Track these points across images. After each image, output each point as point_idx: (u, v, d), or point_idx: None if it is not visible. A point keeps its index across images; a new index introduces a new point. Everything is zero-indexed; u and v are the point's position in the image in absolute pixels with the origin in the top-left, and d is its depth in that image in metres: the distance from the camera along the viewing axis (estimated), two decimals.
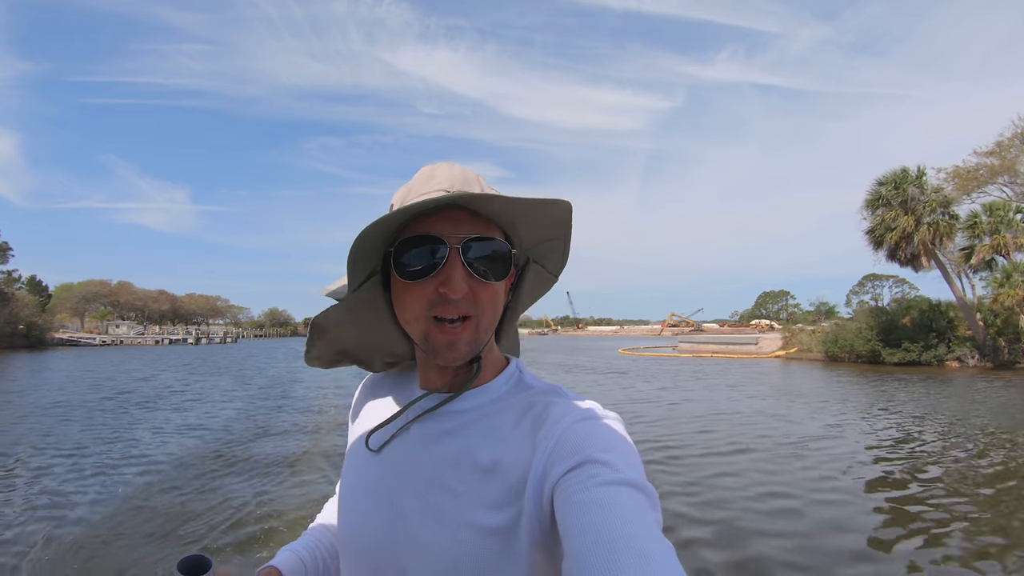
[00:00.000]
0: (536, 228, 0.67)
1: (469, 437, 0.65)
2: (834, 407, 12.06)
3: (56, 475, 6.56)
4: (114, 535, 4.67)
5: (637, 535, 0.47)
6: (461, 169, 0.68)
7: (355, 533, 0.68)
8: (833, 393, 14.93)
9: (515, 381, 0.71)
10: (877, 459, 7.43)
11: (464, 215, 0.63)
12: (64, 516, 5.13)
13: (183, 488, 6.02)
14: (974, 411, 11.34)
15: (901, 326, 24.81)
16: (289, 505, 5.41)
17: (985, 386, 16.09)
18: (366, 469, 0.71)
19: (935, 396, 14.06)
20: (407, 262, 0.62)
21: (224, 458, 7.38)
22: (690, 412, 11.36)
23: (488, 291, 0.64)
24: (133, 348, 56.44)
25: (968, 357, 22.91)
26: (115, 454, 7.67)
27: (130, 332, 78.06)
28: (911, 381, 17.66)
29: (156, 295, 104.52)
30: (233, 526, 4.86)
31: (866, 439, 8.72)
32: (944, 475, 6.63)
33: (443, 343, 0.63)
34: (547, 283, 0.78)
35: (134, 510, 5.31)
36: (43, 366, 26.54)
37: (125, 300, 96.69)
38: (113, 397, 14.27)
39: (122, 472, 6.72)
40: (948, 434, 9.03)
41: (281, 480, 6.32)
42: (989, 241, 20.44)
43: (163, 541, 4.52)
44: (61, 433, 9.16)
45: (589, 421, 0.60)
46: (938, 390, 15.31)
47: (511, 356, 0.76)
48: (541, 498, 0.58)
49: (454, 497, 0.62)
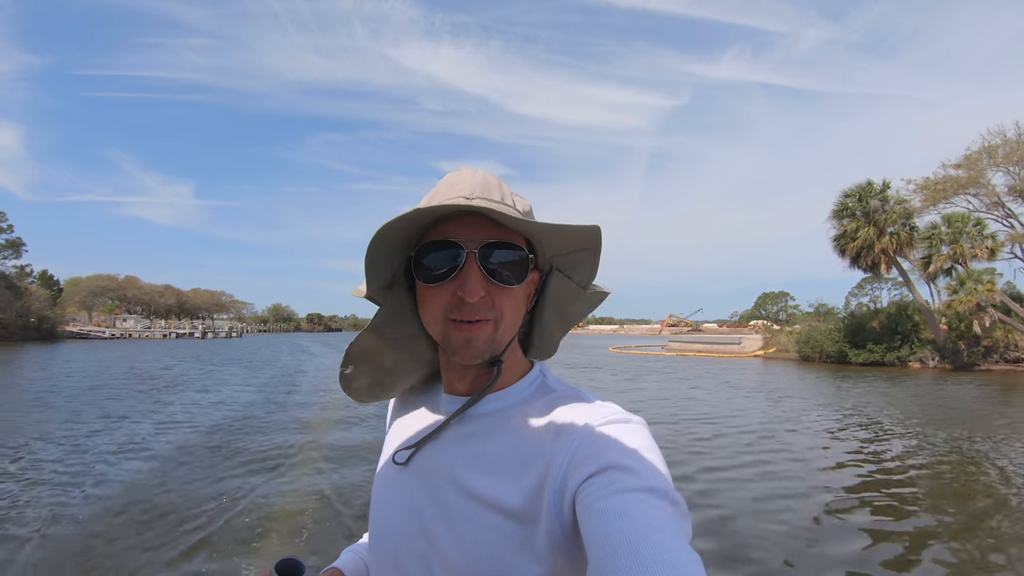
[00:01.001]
0: (559, 245, 0.69)
1: (491, 440, 0.66)
2: (761, 394, 13.78)
3: (121, 436, 8.36)
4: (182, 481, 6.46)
5: (661, 544, 0.47)
6: (483, 175, 0.68)
7: (385, 540, 0.70)
8: (770, 384, 16.63)
9: (538, 384, 0.72)
10: (769, 431, 9.16)
11: (484, 221, 0.64)
12: (150, 455, 6.91)
13: (238, 440, 7.81)
14: (903, 404, 13.06)
15: (868, 328, 26.48)
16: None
17: (932, 386, 17.77)
18: (392, 480, 0.73)
19: (876, 392, 15.75)
20: (427, 265, 0.64)
21: (253, 425, 9.17)
22: (631, 398, 13.18)
23: (506, 295, 0.65)
24: (141, 342, 57.94)
25: (929, 359, 24.52)
26: (158, 422, 9.48)
27: (137, 326, 79.95)
28: (864, 379, 19.34)
29: (162, 290, 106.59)
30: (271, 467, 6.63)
31: (763, 416, 10.48)
32: (843, 455, 8.36)
33: (460, 340, 0.64)
34: (587, 298, 0.78)
35: (188, 452, 7.10)
36: (67, 356, 28.40)
37: (132, 294, 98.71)
38: (144, 380, 16.14)
39: (170, 435, 8.52)
40: (868, 424, 10.76)
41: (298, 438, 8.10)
42: (947, 251, 22.07)
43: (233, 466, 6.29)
44: (112, 408, 10.99)
45: (611, 425, 0.60)
46: (883, 387, 16.99)
47: (535, 360, 0.77)
48: (562, 502, 0.57)
49: (476, 499, 0.62)
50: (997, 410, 11.97)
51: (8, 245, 56.99)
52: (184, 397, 12.78)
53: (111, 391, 13.50)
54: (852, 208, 23.66)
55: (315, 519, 4.80)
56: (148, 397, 12.62)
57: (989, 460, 7.29)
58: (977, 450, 7.86)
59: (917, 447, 8.11)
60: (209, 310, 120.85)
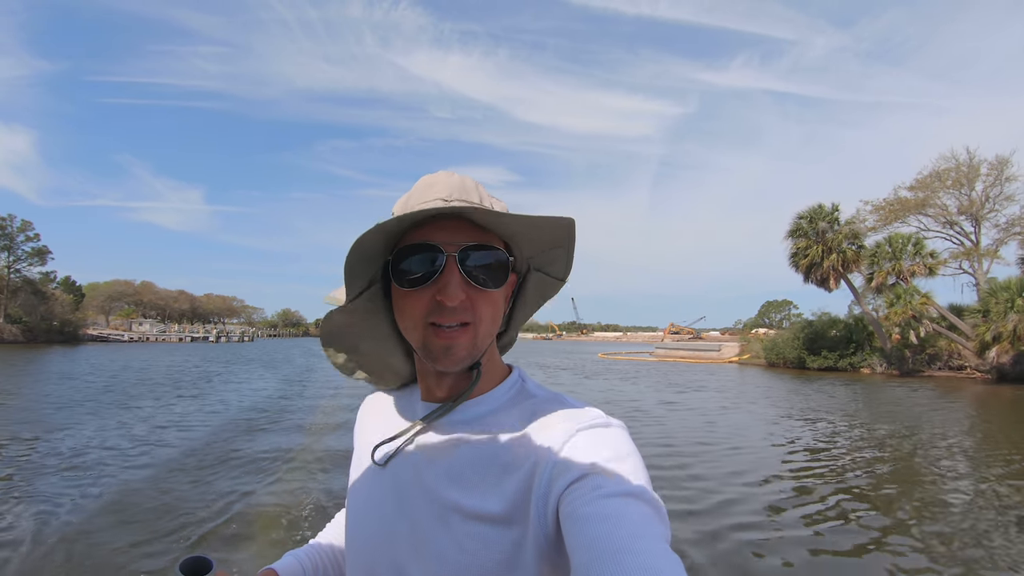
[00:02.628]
0: (536, 242, 0.68)
1: (472, 447, 0.65)
2: (701, 392, 16.53)
3: (183, 409, 11.34)
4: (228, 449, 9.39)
5: (644, 549, 0.47)
6: (460, 178, 0.68)
7: (362, 548, 0.69)
8: (716, 384, 19.34)
9: (517, 389, 0.71)
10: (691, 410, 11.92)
11: (462, 224, 0.64)
12: (205, 424, 9.85)
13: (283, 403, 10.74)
14: (840, 402, 15.50)
15: (828, 336, 29.08)
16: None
17: (869, 388, 20.42)
18: (372, 484, 0.72)
19: (819, 392, 18.44)
20: (405, 270, 0.63)
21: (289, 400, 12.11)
22: (587, 395, 15.85)
23: (486, 299, 0.64)
24: (159, 345, 60.74)
25: (877, 365, 27.11)
26: (203, 403, 12.47)
27: (153, 330, 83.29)
28: (814, 382, 22.02)
29: (176, 295, 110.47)
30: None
31: (702, 406, 13.22)
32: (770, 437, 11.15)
33: (440, 347, 0.63)
34: (553, 287, 0.76)
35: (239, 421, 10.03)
36: (101, 358, 31.58)
37: (148, 299, 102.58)
38: (183, 374, 19.18)
39: (219, 410, 11.49)
40: (801, 417, 13.50)
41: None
42: (888, 267, 24.70)
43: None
44: (167, 393, 14.04)
45: (593, 430, 0.60)
46: (829, 389, 19.66)
47: (513, 364, 0.76)
48: (546, 509, 0.57)
49: (458, 508, 0.62)
50: (923, 410, 13.31)
51: (35, 253, 60.69)
52: (227, 387, 15.81)
53: (155, 384, 16.65)
54: (804, 229, 26.42)
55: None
56: (193, 386, 15.65)
57: (905, 447, 8.65)
58: (896, 439, 9.30)
59: (832, 434, 9.88)
60: (221, 315, 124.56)
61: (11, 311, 55.50)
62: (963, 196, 29.26)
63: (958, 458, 7.97)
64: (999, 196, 28.89)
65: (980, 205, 29.14)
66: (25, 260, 59.80)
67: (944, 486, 6.47)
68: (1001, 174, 28.68)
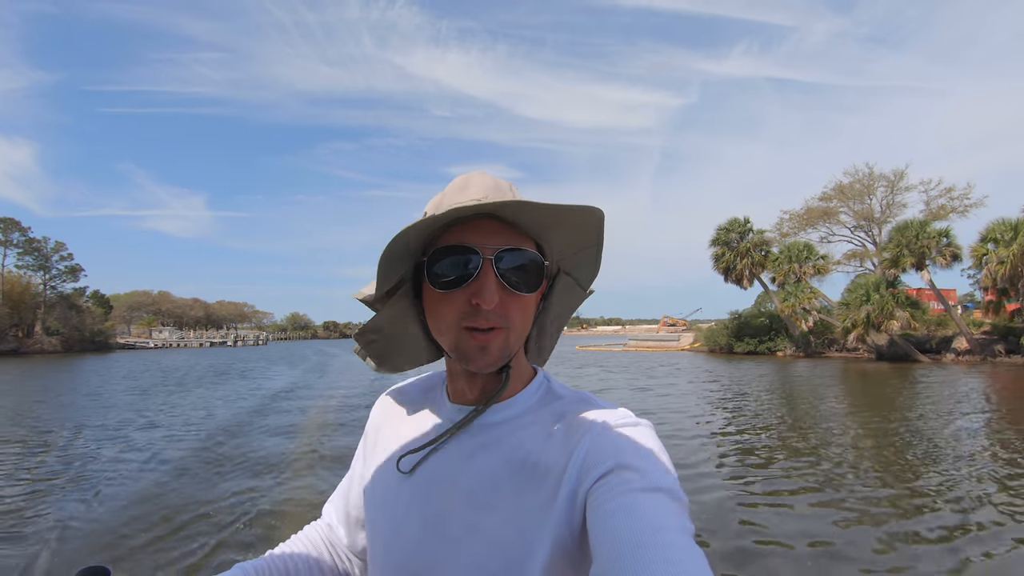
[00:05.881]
0: (568, 236, 0.68)
1: (503, 450, 0.66)
2: (631, 371, 22.44)
3: (243, 393, 17.47)
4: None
5: (667, 542, 0.48)
6: (494, 179, 0.69)
7: (393, 557, 0.69)
8: (649, 365, 25.17)
9: (544, 391, 0.72)
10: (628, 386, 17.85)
11: (497, 226, 0.64)
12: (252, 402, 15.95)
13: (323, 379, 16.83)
14: (742, 376, 21.65)
15: (755, 325, 34.96)
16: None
17: (777, 366, 26.35)
18: (398, 491, 0.71)
19: (730, 367, 24.39)
20: (440, 272, 0.63)
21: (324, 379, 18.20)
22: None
23: (519, 303, 0.65)
24: (182, 350, 66.53)
25: (788, 348, 33.01)
26: (251, 388, 18.60)
27: (172, 336, 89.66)
28: (735, 363, 27.94)
29: (191, 303, 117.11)
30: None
31: (637, 384, 19.14)
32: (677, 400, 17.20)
33: (474, 348, 0.64)
34: (579, 297, 0.78)
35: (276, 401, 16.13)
36: (141, 363, 37.71)
37: (165, 308, 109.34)
38: (227, 371, 25.43)
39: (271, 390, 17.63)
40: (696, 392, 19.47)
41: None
42: (786, 268, 30.60)
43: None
44: (221, 383, 20.20)
45: (620, 428, 0.62)
46: (746, 367, 25.56)
47: (537, 367, 0.77)
48: (574, 508, 0.58)
49: (491, 512, 0.62)
50: (809, 380, 18.19)
51: (69, 271, 67.34)
52: (268, 372, 21.96)
53: (198, 379, 22.89)
54: (723, 238, 32.45)
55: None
56: (239, 377, 21.80)
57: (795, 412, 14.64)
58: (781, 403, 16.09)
59: (737, 394, 16.39)
60: (233, 320, 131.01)
61: (49, 324, 62.03)
62: (864, 205, 35.11)
63: (833, 418, 10.55)
64: (895, 204, 34.74)
65: (884, 212, 34.98)
66: (59, 277, 66.38)
67: (809, 440, 8.41)
68: (896, 185, 34.49)
